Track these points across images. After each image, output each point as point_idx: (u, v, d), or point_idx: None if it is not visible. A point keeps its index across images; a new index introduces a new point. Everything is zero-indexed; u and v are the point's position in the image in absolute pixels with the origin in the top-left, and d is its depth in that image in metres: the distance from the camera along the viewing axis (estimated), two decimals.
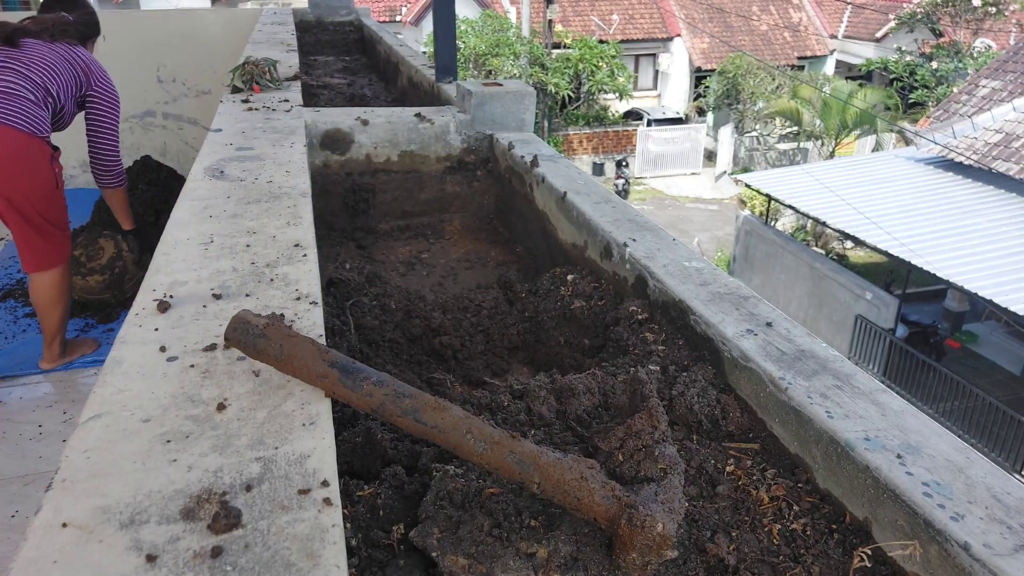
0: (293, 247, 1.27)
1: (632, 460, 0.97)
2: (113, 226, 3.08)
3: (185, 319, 1.03)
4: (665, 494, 0.88)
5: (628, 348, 1.42)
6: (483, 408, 1.19)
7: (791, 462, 1.08)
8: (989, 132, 10.97)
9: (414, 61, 4.01)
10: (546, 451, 0.86)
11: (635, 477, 0.95)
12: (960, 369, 10.08)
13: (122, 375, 0.90)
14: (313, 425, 0.82)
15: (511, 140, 2.53)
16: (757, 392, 1.14)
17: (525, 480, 0.84)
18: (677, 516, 0.85)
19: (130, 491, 0.71)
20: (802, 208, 11.51)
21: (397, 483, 0.99)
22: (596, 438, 1.04)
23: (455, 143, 2.66)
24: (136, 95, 5.24)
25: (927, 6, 19.85)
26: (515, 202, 2.46)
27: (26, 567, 0.62)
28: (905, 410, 1.03)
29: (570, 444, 1.11)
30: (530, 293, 1.89)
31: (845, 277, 11.59)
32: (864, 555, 0.91)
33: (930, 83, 18.33)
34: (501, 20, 18.66)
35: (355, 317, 1.67)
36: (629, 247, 1.59)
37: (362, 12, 6.45)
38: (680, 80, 22.60)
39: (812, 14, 23.68)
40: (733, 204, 18.11)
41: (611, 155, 20.31)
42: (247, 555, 0.65)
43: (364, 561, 0.86)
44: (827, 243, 15.30)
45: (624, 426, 1.02)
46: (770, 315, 1.29)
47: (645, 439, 0.98)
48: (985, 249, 9.28)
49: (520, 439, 0.86)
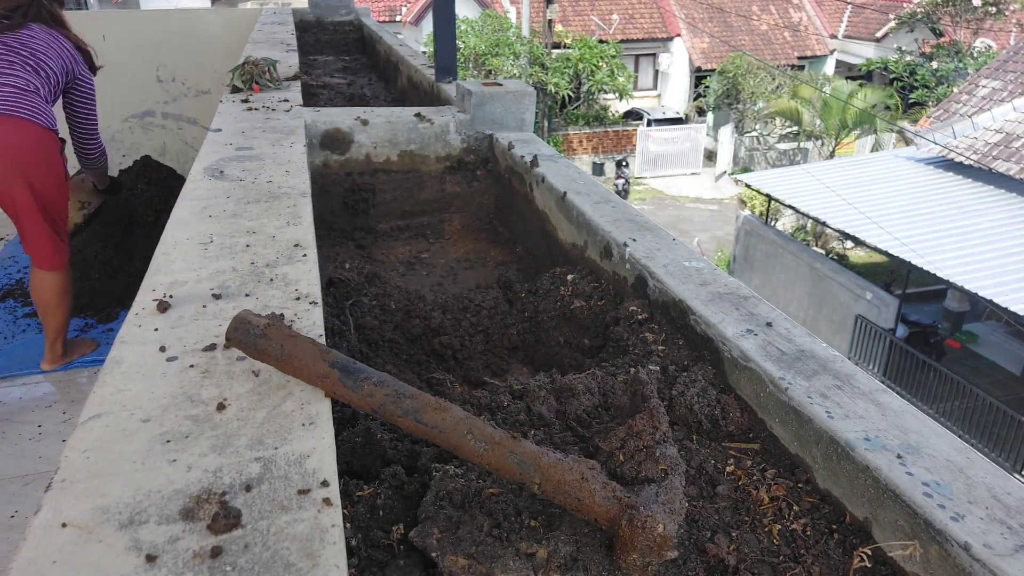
0: (293, 247, 1.27)
1: (633, 460, 0.97)
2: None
3: (185, 319, 1.03)
4: (666, 495, 0.88)
5: (628, 348, 1.42)
6: (483, 408, 1.19)
7: (791, 462, 1.08)
8: (989, 132, 10.97)
9: (414, 61, 4.01)
10: (547, 452, 0.86)
11: (636, 478, 0.95)
12: (960, 369, 10.08)
13: (122, 375, 0.89)
14: (313, 425, 0.82)
15: (511, 140, 2.53)
16: (757, 392, 1.14)
17: (526, 481, 0.84)
18: (678, 517, 0.85)
19: (130, 491, 0.71)
20: (802, 208, 11.51)
21: (397, 483, 0.99)
22: (596, 438, 1.04)
23: (455, 143, 2.66)
24: (136, 95, 5.23)
25: (927, 6, 19.84)
26: (515, 202, 2.46)
27: (26, 567, 0.62)
28: (905, 410, 1.03)
29: (570, 444, 1.11)
30: (530, 293, 1.89)
31: (845, 277, 11.59)
32: (864, 555, 0.91)
33: (930, 83, 18.33)
34: (501, 20, 18.66)
35: (355, 317, 1.67)
36: (629, 247, 1.59)
37: (362, 12, 6.45)
38: (680, 80, 22.61)
39: (812, 14, 23.67)
40: (733, 204, 18.11)
41: (611, 155, 20.31)
42: (247, 555, 0.65)
43: (364, 561, 0.86)
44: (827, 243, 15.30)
45: (625, 426, 1.01)
46: (770, 315, 1.28)
47: (646, 440, 0.98)
48: (985, 249, 9.28)
49: (520, 439, 0.86)
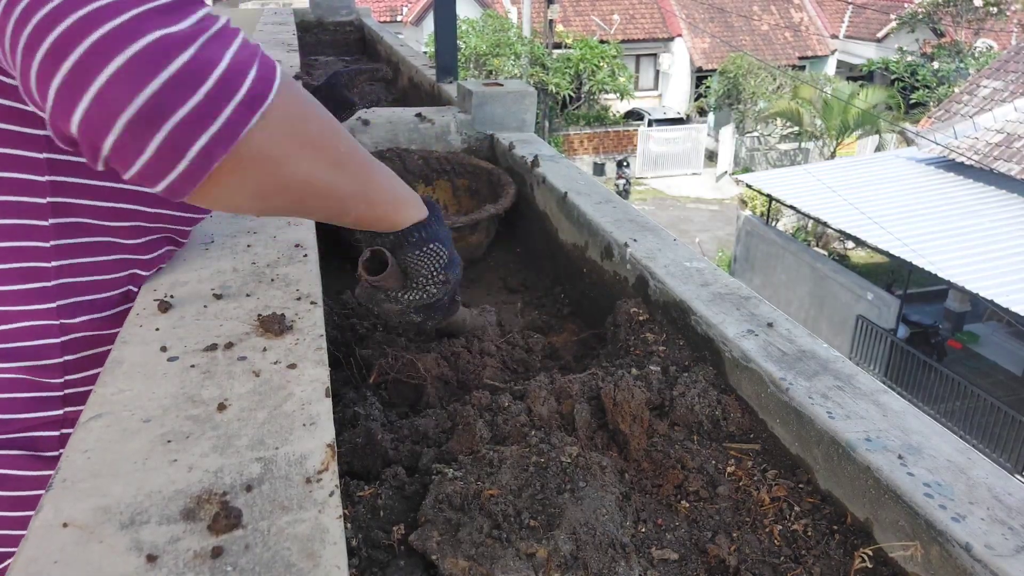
0: (294, 247, 1.27)
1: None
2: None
3: (186, 319, 1.03)
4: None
5: (629, 348, 1.42)
6: (484, 409, 1.19)
7: (792, 463, 1.08)
8: (990, 132, 10.96)
9: (415, 61, 4.01)
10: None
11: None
12: (961, 370, 10.07)
13: (123, 375, 0.90)
14: (314, 425, 0.82)
15: (512, 140, 2.53)
16: (758, 392, 1.14)
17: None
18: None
19: (131, 491, 0.71)
20: (803, 208, 11.51)
21: (398, 484, 0.99)
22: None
23: (455, 143, 2.65)
24: None
25: (928, 6, 19.84)
26: (515, 202, 2.46)
27: (26, 567, 0.62)
28: (906, 411, 1.03)
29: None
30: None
31: (846, 277, 11.59)
32: (865, 556, 0.91)
33: (931, 83, 18.33)
34: (502, 20, 18.67)
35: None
36: (630, 247, 1.59)
37: (363, 12, 6.45)
38: (681, 80, 22.61)
39: (813, 14, 23.67)
40: (734, 204, 18.10)
41: (612, 155, 20.30)
42: (247, 555, 0.65)
43: (364, 561, 0.86)
44: (828, 243, 15.29)
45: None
46: (771, 315, 1.28)
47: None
48: (986, 249, 9.28)
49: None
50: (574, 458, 1.00)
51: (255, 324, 1.01)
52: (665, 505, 1.04)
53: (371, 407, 1.20)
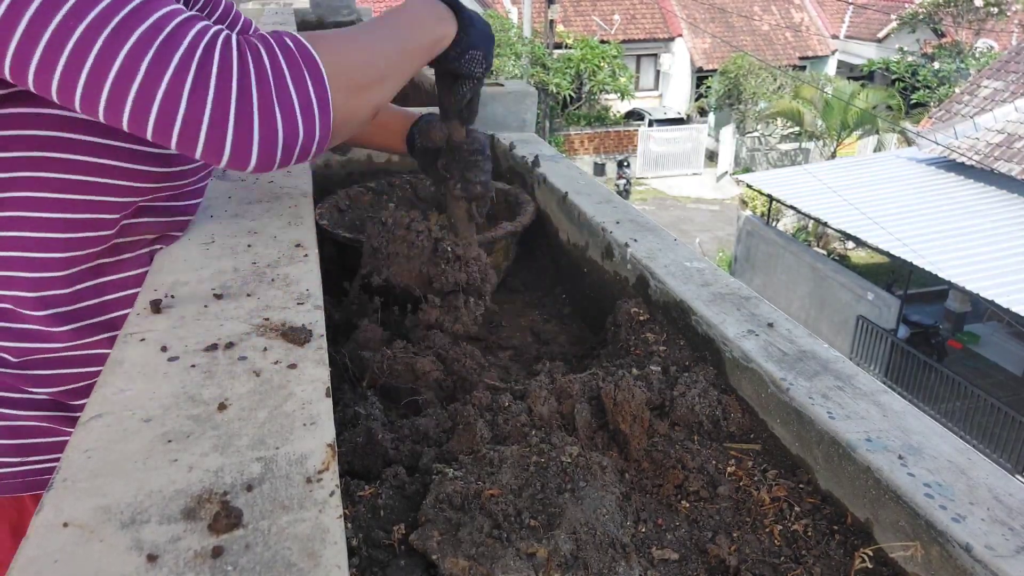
0: (294, 247, 1.27)
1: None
2: None
3: (187, 319, 1.03)
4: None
5: (629, 348, 1.42)
6: (484, 409, 1.19)
7: (792, 463, 1.08)
8: (991, 133, 10.96)
9: None
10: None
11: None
12: (962, 370, 10.07)
13: (123, 375, 0.90)
14: (314, 425, 0.82)
15: (512, 140, 2.53)
16: (758, 393, 1.14)
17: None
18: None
19: (131, 491, 0.71)
20: (804, 208, 11.51)
21: (398, 483, 0.99)
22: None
23: None
24: None
25: (929, 6, 19.83)
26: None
27: (27, 566, 0.62)
28: (907, 411, 1.03)
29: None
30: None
31: (846, 277, 11.60)
32: (865, 556, 0.91)
33: (932, 83, 18.33)
34: (502, 20, 18.67)
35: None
36: (630, 247, 1.59)
37: (363, 12, 6.45)
38: (681, 80, 22.61)
39: (814, 14, 23.67)
40: (734, 204, 18.10)
41: (612, 155, 20.31)
42: (248, 555, 0.65)
43: (365, 561, 0.86)
44: (828, 243, 15.29)
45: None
46: (772, 316, 1.28)
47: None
48: (987, 250, 9.28)
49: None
50: (574, 458, 1.00)
51: (258, 326, 1.01)
52: (665, 505, 1.04)
53: (371, 407, 1.20)
